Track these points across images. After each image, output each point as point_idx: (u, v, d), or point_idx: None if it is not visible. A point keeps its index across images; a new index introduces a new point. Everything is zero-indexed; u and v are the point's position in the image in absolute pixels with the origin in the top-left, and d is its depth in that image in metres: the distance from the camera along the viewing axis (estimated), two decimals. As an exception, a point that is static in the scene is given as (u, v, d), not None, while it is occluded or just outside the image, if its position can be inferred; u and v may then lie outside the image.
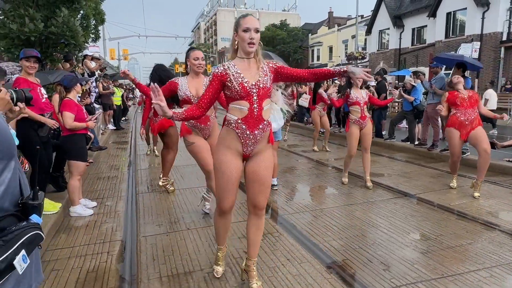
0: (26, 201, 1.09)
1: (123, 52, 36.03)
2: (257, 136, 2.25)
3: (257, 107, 2.20)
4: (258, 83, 2.19)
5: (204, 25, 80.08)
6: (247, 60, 2.24)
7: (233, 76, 2.18)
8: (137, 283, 2.64)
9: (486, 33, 17.99)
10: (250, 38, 2.14)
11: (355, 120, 4.98)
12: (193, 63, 3.39)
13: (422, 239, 3.35)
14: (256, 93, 2.19)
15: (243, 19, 2.18)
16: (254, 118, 2.21)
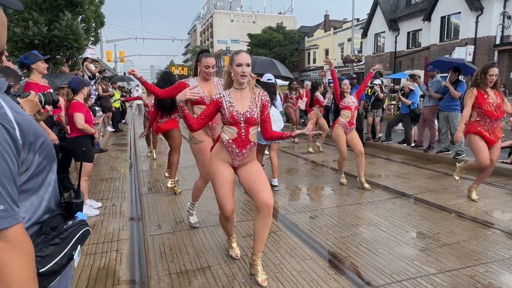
0: (70, 200, 1.15)
1: (119, 54, 36.06)
2: (244, 154, 2.66)
3: (244, 132, 2.59)
4: (246, 113, 2.56)
5: (201, 27, 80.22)
6: (240, 91, 2.60)
7: (226, 105, 2.57)
8: (147, 279, 2.73)
9: (480, 36, 18.27)
10: (242, 72, 2.49)
11: (342, 123, 5.14)
12: (204, 71, 3.44)
13: (420, 237, 3.47)
14: (244, 121, 2.56)
15: (236, 55, 2.53)
16: (242, 140, 2.60)
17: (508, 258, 2.99)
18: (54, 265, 0.98)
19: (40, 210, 1.02)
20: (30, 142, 0.93)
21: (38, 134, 0.98)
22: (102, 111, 11.13)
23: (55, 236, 1.02)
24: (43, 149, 1.00)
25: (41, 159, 0.99)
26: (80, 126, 3.93)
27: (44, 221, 1.02)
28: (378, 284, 2.62)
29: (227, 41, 62.91)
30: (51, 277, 1.00)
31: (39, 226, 1.00)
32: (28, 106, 1.44)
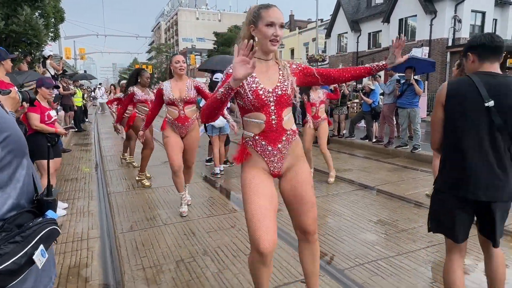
0: (41, 198, 1.11)
1: (79, 52, 34.61)
2: (281, 150, 1.89)
3: (275, 118, 1.84)
4: (276, 89, 1.83)
5: (165, 25, 78.70)
6: (265, 62, 1.86)
7: (246, 81, 1.79)
8: (121, 274, 2.76)
9: (434, 38, 19.44)
10: (275, 35, 1.76)
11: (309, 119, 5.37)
12: (175, 66, 3.71)
13: (380, 224, 3.73)
14: (274, 102, 1.83)
15: (265, 10, 1.76)
16: (274, 131, 1.85)
17: (457, 239, 3.30)
18: (12, 264, 0.93)
19: (5, 207, 0.99)
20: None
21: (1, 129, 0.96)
22: (64, 110, 10.73)
23: (17, 234, 0.97)
24: (8, 144, 0.98)
25: (3, 154, 0.96)
26: (34, 127, 3.81)
27: (8, 218, 0.99)
28: (343, 268, 2.82)
29: (192, 39, 62.23)
30: (9, 277, 0.94)
31: (1, 223, 0.97)
32: (10, 103, 1.45)
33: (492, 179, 1.81)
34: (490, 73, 1.85)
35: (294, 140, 1.95)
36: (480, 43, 1.87)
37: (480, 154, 1.82)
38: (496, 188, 1.81)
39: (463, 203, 1.87)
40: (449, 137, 1.93)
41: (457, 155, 1.88)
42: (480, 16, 19.81)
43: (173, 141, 3.83)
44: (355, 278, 2.66)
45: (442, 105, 1.93)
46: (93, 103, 23.65)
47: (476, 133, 1.82)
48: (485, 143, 1.82)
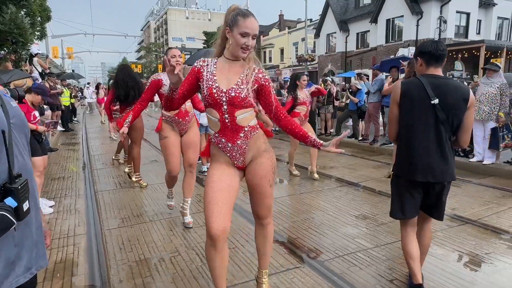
0: (4, 185, 1.12)
1: (67, 51, 34.18)
2: (241, 145, 1.98)
3: (228, 117, 1.92)
4: (230, 90, 1.89)
5: (155, 24, 78.12)
6: (231, 62, 1.95)
7: (206, 76, 1.93)
8: (106, 269, 2.82)
9: (420, 39, 19.74)
10: (245, 44, 1.86)
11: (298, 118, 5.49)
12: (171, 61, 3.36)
13: (361, 218, 3.86)
14: (226, 102, 1.90)
15: (243, 19, 1.84)
16: (229, 129, 1.95)
17: (433, 231, 3.42)
18: None
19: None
20: None
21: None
22: (51, 110, 10.63)
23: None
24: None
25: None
26: None
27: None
28: (323, 259, 2.92)
29: (182, 38, 61.95)
30: None
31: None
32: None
33: (437, 163, 2.18)
34: (435, 76, 2.20)
35: (254, 135, 2.01)
36: (427, 51, 2.20)
37: (428, 143, 2.18)
38: (440, 171, 2.18)
39: (414, 184, 2.25)
40: (403, 130, 2.27)
41: (409, 144, 2.24)
42: (464, 17, 20.23)
43: (173, 142, 3.52)
44: (334, 269, 2.77)
45: (397, 103, 2.27)
46: (81, 102, 23.41)
47: (424, 126, 2.18)
48: (431, 134, 2.18)
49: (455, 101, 2.14)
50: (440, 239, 3.30)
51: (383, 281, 2.60)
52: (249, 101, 1.93)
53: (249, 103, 1.94)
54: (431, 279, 2.61)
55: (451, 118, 2.16)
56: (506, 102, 5.56)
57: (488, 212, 3.97)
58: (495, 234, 3.43)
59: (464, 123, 2.20)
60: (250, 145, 2.01)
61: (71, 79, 20.54)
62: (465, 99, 2.16)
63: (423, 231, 2.44)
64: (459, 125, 2.20)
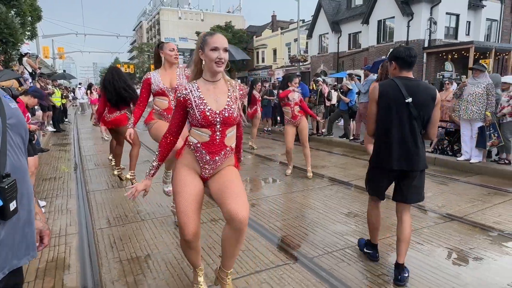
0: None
1: (58, 51, 33.87)
2: (217, 162, 2.12)
3: (219, 134, 2.05)
4: (223, 111, 2.02)
5: (147, 24, 77.73)
6: (213, 84, 2.06)
7: (195, 102, 2.02)
8: (98, 267, 2.84)
9: (411, 39, 20.00)
10: (218, 58, 1.97)
11: (288, 119, 5.60)
12: (169, 54, 3.41)
13: (351, 216, 3.93)
14: (220, 122, 2.03)
15: (210, 37, 2.01)
16: (216, 145, 2.07)
17: (420, 228, 3.53)
18: None
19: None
20: None
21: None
22: (42, 110, 10.56)
23: None
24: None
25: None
26: None
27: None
28: (312, 256, 2.98)
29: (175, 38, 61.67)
30: None
31: None
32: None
33: (411, 154, 2.50)
34: (407, 78, 2.54)
35: (230, 155, 2.19)
36: (401, 56, 2.52)
37: (402, 137, 2.51)
38: (414, 160, 2.50)
39: (389, 172, 2.60)
40: (381, 125, 2.58)
41: (386, 138, 2.56)
42: (454, 19, 20.51)
43: (163, 124, 3.37)
44: (322, 265, 2.83)
45: (376, 102, 2.58)
46: (73, 103, 23.23)
47: (399, 122, 2.51)
48: (405, 128, 2.51)
49: (425, 100, 2.49)
50: (426, 235, 3.38)
51: (370, 276, 2.67)
52: (237, 117, 2.11)
53: (237, 120, 2.12)
54: (417, 273, 2.69)
55: (422, 114, 2.50)
56: (492, 101, 5.69)
57: (474, 209, 4.07)
58: (480, 230, 3.52)
59: (432, 118, 2.54)
60: (224, 162, 2.16)
61: (63, 80, 20.36)
62: (433, 98, 2.51)
63: (403, 222, 2.65)
64: (428, 120, 2.54)
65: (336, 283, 2.57)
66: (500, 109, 6.00)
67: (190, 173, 2.12)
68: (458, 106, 6.05)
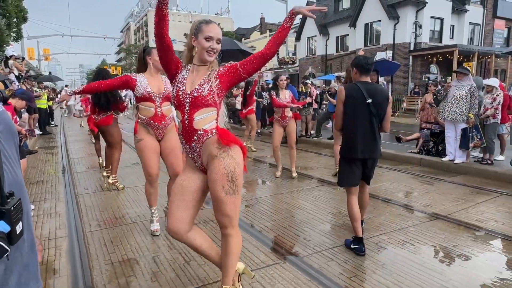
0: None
1: (44, 52, 33.33)
2: (195, 148, 2.08)
3: (187, 118, 2.02)
4: (193, 91, 2.00)
5: (135, 25, 77.10)
6: (198, 67, 2.07)
7: (178, 79, 2.07)
8: (89, 269, 2.84)
9: (397, 43, 20.39)
10: (211, 47, 2.00)
11: (277, 118, 5.68)
12: (158, 60, 3.04)
13: (339, 216, 4.01)
14: (189, 103, 2.01)
15: (206, 25, 2.01)
16: (187, 130, 2.05)
17: (406, 227, 3.63)
18: None
19: None
20: None
21: None
22: (28, 112, 10.39)
23: None
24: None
25: None
26: None
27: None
28: (302, 255, 3.04)
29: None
30: None
31: None
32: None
33: (370, 145, 3.05)
34: (367, 82, 3.07)
35: (207, 139, 2.04)
36: (360, 64, 3.06)
37: (364, 131, 3.04)
38: (372, 150, 3.06)
39: (356, 161, 3.08)
40: (346, 122, 3.10)
41: (351, 132, 3.07)
42: (438, 22, 20.99)
43: (149, 144, 3.35)
44: (312, 264, 2.89)
45: (342, 102, 3.10)
46: (59, 105, 22.87)
47: (362, 118, 3.04)
48: (366, 124, 3.04)
49: (381, 100, 3.03)
50: (412, 233, 3.48)
51: (359, 274, 2.73)
52: (211, 99, 1.99)
53: (211, 102, 2.00)
54: (403, 270, 2.77)
55: (380, 112, 3.05)
56: (475, 104, 5.86)
57: (458, 208, 4.20)
58: (464, 228, 3.64)
59: (386, 115, 3.10)
60: (203, 148, 2.07)
61: (49, 81, 20.05)
62: (387, 98, 3.08)
63: (363, 194, 3.32)
64: (383, 117, 3.09)
65: (326, 281, 2.63)
66: (484, 110, 6.18)
67: (188, 169, 2.18)
68: (443, 108, 6.22)
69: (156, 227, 3.53)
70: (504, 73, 21.74)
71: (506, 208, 4.21)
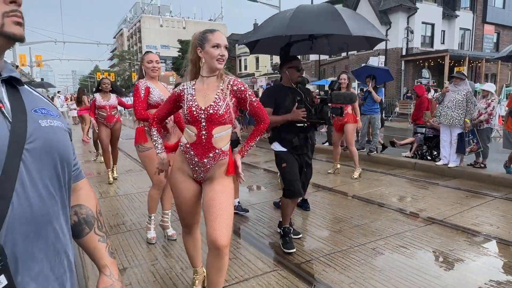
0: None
1: (36, 58, 33.09)
2: (206, 164, 2.05)
3: (205, 134, 1.99)
4: (208, 108, 1.97)
5: (128, 31, 77.04)
6: (207, 79, 2.03)
7: (186, 98, 2.03)
8: (84, 279, 2.80)
9: (389, 48, 20.61)
10: (221, 55, 1.96)
11: None
12: (147, 66, 3.23)
13: (336, 221, 4.01)
14: (205, 119, 1.97)
15: (211, 34, 1.98)
16: (203, 145, 2.01)
17: (402, 232, 3.64)
18: None
19: None
20: None
21: None
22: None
23: None
24: None
25: None
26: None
27: None
28: (300, 262, 3.03)
29: (156, 46, 61.33)
30: None
31: None
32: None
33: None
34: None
35: (221, 160, 2.07)
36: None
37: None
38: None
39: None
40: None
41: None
42: (430, 28, 21.31)
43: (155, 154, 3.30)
44: (310, 271, 2.88)
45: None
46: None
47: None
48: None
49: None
50: (408, 238, 3.49)
51: (359, 281, 2.73)
52: (228, 117, 2.00)
53: (228, 120, 2.01)
54: (400, 275, 2.77)
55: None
56: (472, 109, 5.93)
57: (453, 212, 4.22)
58: (459, 232, 3.66)
59: None
60: (215, 167, 2.07)
61: (41, 88, 19.90)
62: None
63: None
64: None
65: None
66: (478, 115, 6.26)
67: (184, 180, 2.13)
68: (439, 112, 6.27)
69: (153, 235, 3.48)
70: (495, 78, 22.08)
71: (500, 211, 4.25)
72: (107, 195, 5.15)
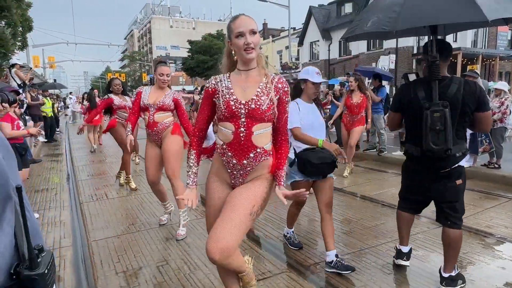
0: (20, 271, 0.69)
1: (48, 60, 33.67)
2: (246, 166, 1.83)
3: (244, 131, 1.78)
4: (249, 102, 1.77)
5: (138, 32, 77.83)
6: (245, 72, 1.83)
7: (222, 91, 1.81)
8: (94, 280, 2.81)
9: (400, 46, 20.32)
10: (246, 43, 1.73)
11: None
12: (158, 78, 3.58)
13: (346, 222, 3.96)
14: (245, 115, 1.77)
15: (233, 22, 1.78)
16: (241, 144, 1.79)
17: (414, 234, 3.55)
18: None
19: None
20: None
21: None
22: (33, 121, 10.46)
23: None
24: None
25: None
26: (8, 136, 3.83)
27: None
28: (309, 264, 3.00)
29: (166, 47, 61.85)
30: None
31: None
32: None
33: None
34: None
35: (264, 160, 1.85)
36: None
37: None
38: None
39: None
40: None
41: None
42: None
43: (149, 153, 3.69)
44: (320, 273, 2.84)
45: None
46: (64, 112, 23.06)
47: None
48: None
49: None
50: (420, 240, 3.42)
51: (369, 284, 2.68)
52: (270, 114, 1.80)
53: (269, 117, 1.81)
54: (413, 279, 2.72)
55: None
56: (483, 108, 5.79)
57: (466, 214, 4.10)
58: (473, 234, 3.58)
59: None
60: (256, 168, 1.85)
61: (53, 89, 20.23)
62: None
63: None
64: None
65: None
66: (491, 114, 6.11)
67: (218, 186, 1.92)
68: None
69: (182, 232, 3.61)
70: (509, 76, 21.62)
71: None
72: (117, 195, 5.19)
